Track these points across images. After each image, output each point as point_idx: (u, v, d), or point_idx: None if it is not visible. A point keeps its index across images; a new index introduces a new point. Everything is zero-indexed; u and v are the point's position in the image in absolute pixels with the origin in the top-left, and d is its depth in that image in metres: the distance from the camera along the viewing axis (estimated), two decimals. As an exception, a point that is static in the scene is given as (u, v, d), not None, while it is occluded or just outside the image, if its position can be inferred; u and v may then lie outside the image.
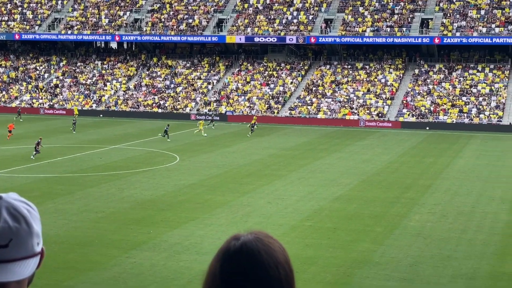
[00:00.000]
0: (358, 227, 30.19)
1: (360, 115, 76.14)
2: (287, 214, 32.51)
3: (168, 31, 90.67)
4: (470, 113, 73.88)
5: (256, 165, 46.80)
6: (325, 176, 42.88)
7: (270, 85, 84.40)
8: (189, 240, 27.63)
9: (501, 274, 23.69)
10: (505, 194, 37.81)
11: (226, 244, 2.34)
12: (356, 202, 35.29)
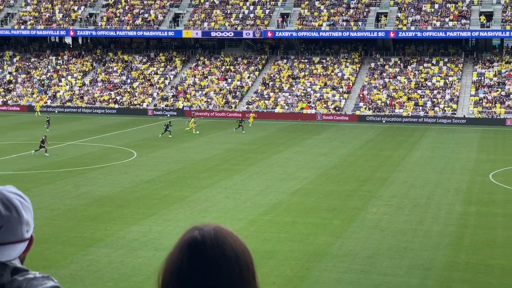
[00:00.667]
0: (316, 220, 30.35)
1: (317, 109, 76.53)
2: (245, 208, 32.53)
3: (123, 26, 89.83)
4: (425, 106, 74.82)
5: (214, 160, 46.71)
6: (283, 170, 43.01)
7: (228, 80, 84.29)
8: (147, 236, 27.45)
9: (456, 265, 24.05)
10: (460, 186, 38.40)
11: (188, 235, 2.34)
12: (314, 196, 35.47)
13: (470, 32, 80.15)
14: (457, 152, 51.28)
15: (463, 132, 63.84)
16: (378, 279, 22.53)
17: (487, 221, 30.34)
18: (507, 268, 23.72)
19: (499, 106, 73.08)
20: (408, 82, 79.30)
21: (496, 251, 25.72)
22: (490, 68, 79.70)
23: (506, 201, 34.59)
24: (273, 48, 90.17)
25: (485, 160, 47.66)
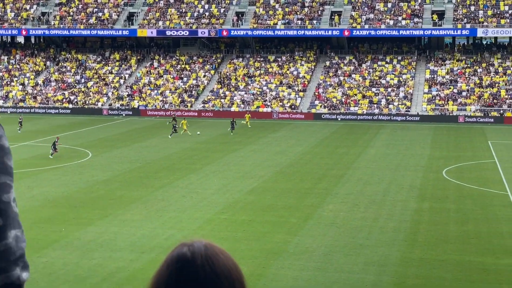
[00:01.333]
0: (273, 218, 30.44)
1: (273, 107, 76.75)
2: (202, 207, 32.46)
3: (77, 25, 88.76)
4: (380, 103, 75.61)
5: (170, 159, 46.50)
6: (239, 168, 43.03)
7: (183, 79, 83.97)
8: (102, 237, 27.19)
9: (411, 260, 24.37)
10: (414, 182, 38.91)
11: (177, 251, 2.29)
12: (270, 194, 35.57)
13: (422, 30, 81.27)
14: (411, 149, 51.94)
15: (417, 129, 64.70)
16: (335, 276, 22.70)
17: (441, 217, 30.81)
18: (460, 263, 24.12)
19: (452, 103, 74.24)
20: (363, 80, 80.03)
21: (450, 247, 26.13)
22: (443, 66, 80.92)
23: (459, 197, 35.17)
24: (229, 47, 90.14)
25: (438, 156, 48.38)
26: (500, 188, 37.16)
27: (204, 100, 79.31)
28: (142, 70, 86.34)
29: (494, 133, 61.68)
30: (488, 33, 79.56)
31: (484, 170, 42.82)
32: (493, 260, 24.44)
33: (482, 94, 74.85)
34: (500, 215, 31.12)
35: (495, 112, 71.79)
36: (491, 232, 28.15)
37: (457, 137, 59.32)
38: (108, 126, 65.06)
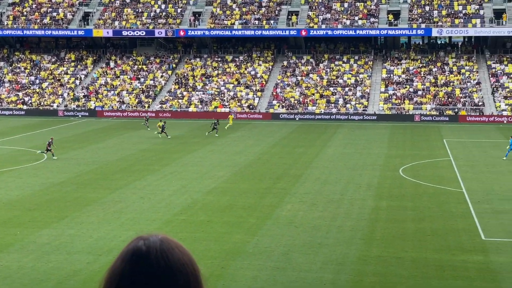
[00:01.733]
0: (232, 219, 30.38)
1: (231, 107, 76.68)
2: (160, 208, 32.23)
3: (31, 25, 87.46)
4: (337, 103, 76.11)
5: (127, 161, 46.11)
6: (198, 169, 42.87)
7: (140, 79, 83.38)
8: (58, 239, 26.80)
9: (369, 258, 24.53)
10: (371, 181, 39.23)
11: (132, 245, 2.28)
12: (229, 194, 35.50)
13: (378, 30, 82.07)
14: (368, 148, 52.37)
15: (374, 129, 65.28)
16: (293, 275, 22.73)
17: (398, 215, 31.11)
18: (417, 260, 24.37)
19: (408, 102, 75.10)
20: (320, 79, 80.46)
21: (407, 244, 26.39)
22: (399, 65, 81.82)
23: (415, 194, 35.56)
24: (186, 47, 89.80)
25: (395, 155, 48.88)
26: (455, 186, 37.69)
27: (162, 101, 78.86)
28: (98, 71, 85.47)
29: (449, 131, 62.56)
30: (442, 33, 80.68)
31: (440, 168, 43.38)
32: (449, 256, 24.75)
33: (437, 93, 75.88)
34: (455, 212, 31.54)
35: (450, 111, 72.82)
36: (446, 229, 28.51)
37: (413, 136, 60.01)
38: (64, 127, 64.21)
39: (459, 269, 23.37)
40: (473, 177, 40.34)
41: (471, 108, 73.20)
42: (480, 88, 76.36)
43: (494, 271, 23.15)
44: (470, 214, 31.17)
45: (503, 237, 27.44)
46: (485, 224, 29.32)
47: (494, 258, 24.52)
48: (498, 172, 41.96)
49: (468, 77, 78.42)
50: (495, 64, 79.83)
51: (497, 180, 39.34)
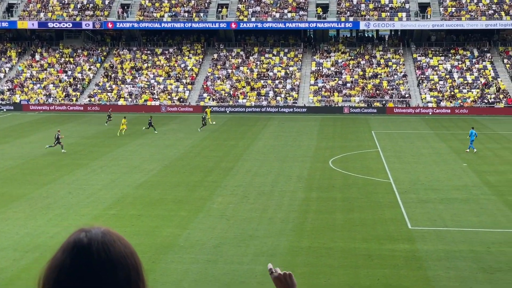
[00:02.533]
0: (163, 212, 30.21)
1: (161, 100, 76.12)
2: (89, 203, 31.77)
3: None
4: (268, 96, 76.48)
5: (55, 155, 45.23)
6: (128, 163, 42.43)
7: (67, 72, 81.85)
8: (-16, 237, 26.11)
9: (299, 249, 24.80)
10: (301, 173, 39.61)
11: (74, 237, 2.28)
12: (160, 188, 35.27)
13: (307, 23, 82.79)
14: (298, 140, 52.83)
15: (304, 121, 65.88)
16: (225, 267, 22.78)
17: (328, 206, 31.52)
18: (346, 250, 24.76)
19: (337, 94, 76.08)
20: (251, 72, 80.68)
21: (336, 234, 26.78)
22: (328, 58, 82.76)
23: (345, 186, 36.10)
24: (115, 39, 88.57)
25: (325, 147, 49.48)
26: (383, 176, 38.43)
27: (90, 94, 77.64)
28: (24, 63, 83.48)
29: (377, 123, 63.70)
30: (370, 26, 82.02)
31: (368, 159, 44.15)
32: (377, 246, 25.24)
33: (366, 85, 77.13)
34: (383, 202, 32.17)
35: (378, 103, 74.14)
36: (375, 219, 29.06)
37: (343, 128, 60.86)
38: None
39: (387, 258, 23.86)
40: (400, 167, 41.21)
41: (398, 100, 74.72)
42: (406, 81, 78.00)
43: (420, 259, 23.73)
44: (397, 203, 31.85)
45: (428, 225, 28.15)
46: (412, 213, 30.02)
47: (420, 246, 25.12)
48: (424, 162, 42.99)
49: (395, 69, 80.00)
50: (420, 57, 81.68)
51: (423, 170, 40.31)
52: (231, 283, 21.40)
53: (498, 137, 54.24)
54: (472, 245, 25.31)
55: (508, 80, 76.86)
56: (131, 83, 79.38)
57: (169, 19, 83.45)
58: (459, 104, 72.95)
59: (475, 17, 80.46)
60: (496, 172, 39.67)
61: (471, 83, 76.41)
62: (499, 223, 28.54)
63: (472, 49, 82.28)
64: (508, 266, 22.91)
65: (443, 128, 60.31)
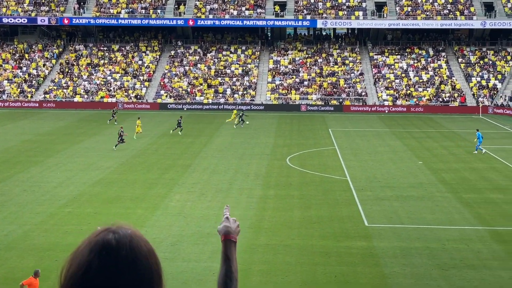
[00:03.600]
0: (119, 210, 29.98)
1: (118, 97, 75.45)
2: (44, 201, 31.35)
3: None
4: (225, 93, 76.40)
5: (9, 152, 44.51)
6: (84, 160, 41.98)
7: (22, 68, 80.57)
8: None
9: (257, 246, 24.85)
10: (259, 170, 39.68)
11: (101, 237, 2.31)
12: (116, 185, 34.99)
13: (265, 21, 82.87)
14: (256, 138, 52.90)
15: (262, 118, 65.96)
16: (182, 265, 22.72)
17: (285, 203, 31.64)
18: (303, 247, 24.89)
19: (294, 92, 76.37)
20: (208, 69, 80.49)
21: (294, 232, 26.90)
22: (285, 56, 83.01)
23: (302, 183, 36.27)
24: (71, 36, 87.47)
25: (282, 144, 49.64)
26: (340, 174, 38.73)
27: (46, 91, 76.55)
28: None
29: (334, 121, 64.13)
30: (327, 24, 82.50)
31: (325, 157, 44.43)
32: (334, 243, 25.43)
33: (323, 83, 77.58)
34: (340, 200, 32.42)
35: (335, 101, 74.65)
36: (332, 217, 29.26)
37: (300, 126, 61.11)
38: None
39: (344, 255, 24.06)
40: (356, 165, 41.57)
41: (355, 98, 75.34)
42: (363, 79, 78.68)
43: (377, 256, 23.99)
44: (354, 201, 32.14)
45: (384, 223, 28.46)
46: (368, 210, 30.31)
47: (376, 244, 25.39)
48: (380, 160, 43.44)
49: (352, 68, 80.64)
50: (377, 55, 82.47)
51: (379, 168, 40.73)
52: (189, 281, 21.34)
53: (452, 135, 55.10)
54: (427, 242, 25.67)
55: (462, 79, 78.11)
56: (87, 79, 78.50)
57: (126, 15, 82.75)
58: (415, 102, 73.89)
59: (430, 17, 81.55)
60: (450, 169, 40.30)
61: (426, 81, 77.45)
62: (453, 220, 29.01)
63: (428, 48, 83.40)
64: (463, 263, 23.30)
65: (399, 126, 61.02)
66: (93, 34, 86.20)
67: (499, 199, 32.80)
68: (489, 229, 27.50)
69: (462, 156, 45.21)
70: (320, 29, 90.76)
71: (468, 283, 21.53)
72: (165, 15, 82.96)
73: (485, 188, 35.40)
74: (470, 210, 30.57)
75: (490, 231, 27.22)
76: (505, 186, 35.96)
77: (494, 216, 29.69)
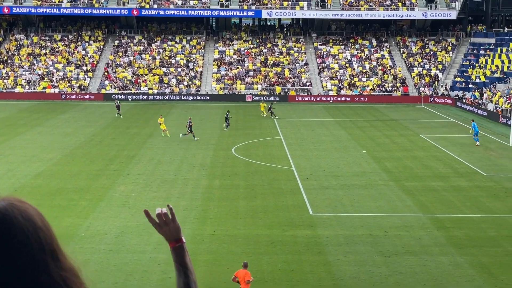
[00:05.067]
0: (63, 202, 29.60)
1: (60, 88, 74.27)
2: (-15, 194, 30.68)
3: None
4: (170, 83, 75.94)
5: None
6: (26, 152, 41.25)
7: (-39, 58, 78.58)
8: None
9: (202, 237, 24.86)
10: (205, 160, 39.64)
11: None
12: (59, 177, 34.51)
13: (210, 11, 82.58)
14: (201, 128, 52.74)
15: (207, 108, 65.85)
16: (127, 257, 22.58)
17: (231, 193, 31.70)
18: (249, 237, 25.00)
19: (240, 82, 76.40)
20: (153, 60, 79.87)
21: (239, 222, 26.99)
22: (230, 46, 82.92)
23: (247, 173, 36.39)
24: (11, 25, 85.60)
25: (228, 135, 49.65)
26: (285, 164, 38.97)
27: (-15, 81, 74.83)
28: None
29: (280, 111, 64.39)
30: (272, 15, 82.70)
31: (271, 147, 44.63)
32: (280, 232, 25.61)
33: (268, 73, 77.79)
34: (285, 189, 32.65)
35: (279, 90, 74.93)
36: (277, 206, 29.46)
37: (245, 116, 61.21)
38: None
39: (289, 244, 24.26)
40: (301, 154, 41.89)
41: (300, 88, 75.79)
42: (308, 69, 79.18)
43: (321, 244, 24.26)
44: (299, 190, 32.40)
45: (329, 211, 28.79)
46: (313, 199, 30.61)
47: (321, 232, 25.68)
48: (325, 149, 43.85)
49: (297, 58, 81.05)
50: (321, 45, 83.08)
51: (324, 157, 41.13)
52: (134, 272, 21.24)
53: (395, 124, 55.96)
54: (370, 229, 26.08)
55: (404, 69, 79.33)
56: (28, 69, 77.03)
57: (68, 4, 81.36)
58: (359, 92, 74.74)
59: (373, 8, 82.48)
60: (393, 158, 40.95)
61: (370, 71, 78.39)
62: (396, 208, 29.52)
63: (371, 39, 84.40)
64: (404, 249, 23.75)
65: (343, 115, 61.67)
66: (34, 24, 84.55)
67: (440, 187, 33.52)
68: (430, 216, 28.09)
69: (404, 145, 45.97)
70: (265, 19, 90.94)
71: (410, 269, 21.96)
72: (109, 5, 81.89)
73: (426, 176, 36.11)
74: (412, 198, 31.16)
75: (431, 218, 27.80)
76: (445, 173, 36.75)
77: (435, 203, 30.33)
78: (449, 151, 43.45)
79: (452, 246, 24.23)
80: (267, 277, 21.02)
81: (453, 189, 33.05)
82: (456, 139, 48.49)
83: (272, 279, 20.87)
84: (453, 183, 34.41)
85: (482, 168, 38.09)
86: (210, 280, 20.47)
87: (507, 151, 44.44)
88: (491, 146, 46.06)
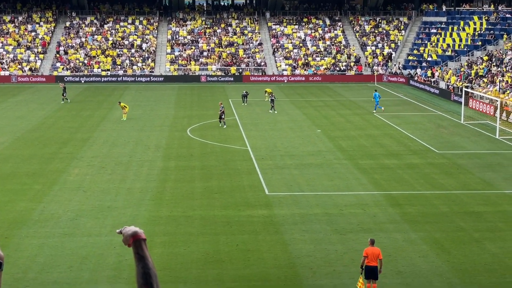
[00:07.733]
0: (15, 186, 29.16)
1: (11, 70, 72.87)
2: None
3: None
4: (124, 65, 75.14)
5: None
6: (-24, 136, 40.44)
7: None
8: None
9: (158, 219, 24.77)
10: (160, 142, 39.43)
11: None
12: (11, 161, 33.97)
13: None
14: (156, 110, 52.45)
15: (161, 90, 65.41)
16: (83, 240, 22.38)
17: (186, 175, 31.61)
18: (205, 217, 24.99)
19: (194, 63, 75.99)
20: (106, 41, 78.85)
21: (195, 203, 26.95)
22: (184, 26, 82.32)
23: (203, 154, 36.31)
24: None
25: (183, 116, 49.44)
26: (241, 144, 38.99)
27: None
28: None
29: (234, 91, 64.29)
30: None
31: (226, 128, 44.56)
32: (236, 212, 25.66)
33: (222, 54, 77.49)
34: (241, 170, 32.68)
35: (234, 71, 74.78)
36: (233, 186, 29.49)
37: (200, 97, 60.98)
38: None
39: (246, 223, 24.33)
40: (257, 135, 41.94)
41: (254, 68, 75.72)
42: (262, 49, 79.11)
43: (277, 223, 24.38)
44: (255, 170, 32.47)
45: (284, 191, 28.93)
46: (269, 179, 30.71)
47: (277, 211, 25.80)
48: (280, 129, 43.98)
49: (251, 38, 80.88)
50: (275, 25, 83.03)
51: (279, 137, 41.25)
52: (89, 255, 21.07)
53: (349, 104, 56.37)
54: (326, 208, 26.30)
55: (358, 48, 79.83)
56: (-23, 52, 75.38)
57: (17, -15, 79.68)
58: (313, 72, 75.00)
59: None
60: (347, 137, 41.29)
61: (324, 51, 78.67)
62: (350, 186, 29.81)
63: (324, 18, 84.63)
64: (359, 227, 24.02)
65: (297, 95, 61.86)
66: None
67: (394, 164, 33.94)
68: (384, 194, 28.44)
69: (358, 124, 46.36)
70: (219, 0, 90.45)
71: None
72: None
73: (380, 154, 36.52)
74: (367, 176, 31.49)
75: (385, 196, 28.15)
76: (398, 151, 37.22)
77: (389, 181, 30.71)
78: (402, 129, 43.99)
79: (406, 222, 24.59)
80: (224, 257, 21.06)
81: (406, 167, 33.51)
82: (408, 117, 49.11)
83: (229, 259, 20.92)
84: (407, 161, 34.88)
85: (434, 146, 38.67)
86: (167, 261, 20.43)
87: (458, 128, 45.18)
88: (443, 124, 46.79)
